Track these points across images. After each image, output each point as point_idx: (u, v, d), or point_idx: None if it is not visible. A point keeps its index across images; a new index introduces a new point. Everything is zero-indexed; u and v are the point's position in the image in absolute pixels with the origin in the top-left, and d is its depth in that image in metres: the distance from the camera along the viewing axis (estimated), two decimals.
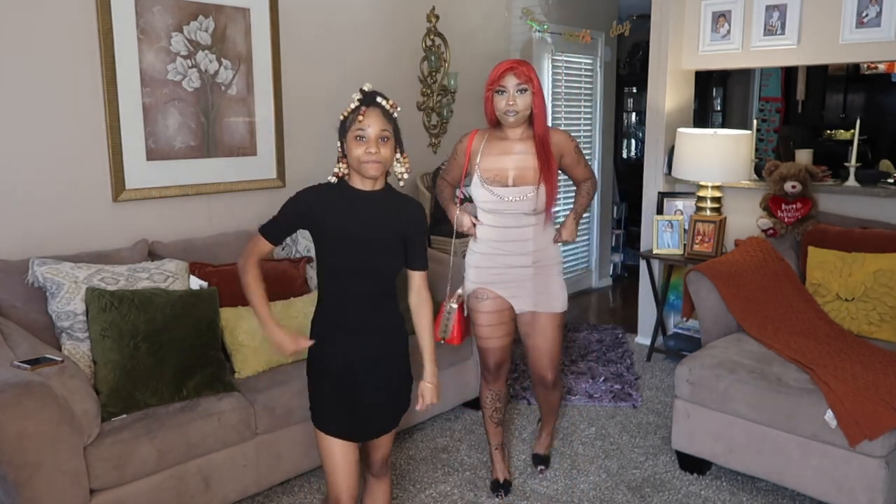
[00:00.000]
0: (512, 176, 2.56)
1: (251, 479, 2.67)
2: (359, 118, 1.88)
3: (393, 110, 1.94)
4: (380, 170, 1.92)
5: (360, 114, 1.88)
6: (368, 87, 1.94)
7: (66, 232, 2.95)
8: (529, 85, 2.47)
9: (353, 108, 1.91)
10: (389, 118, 1.93)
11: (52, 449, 2.10)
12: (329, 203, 1.95)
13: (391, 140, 1.93)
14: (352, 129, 1.89)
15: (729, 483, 2.93)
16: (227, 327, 2.82)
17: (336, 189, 1.97)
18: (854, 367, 2.71)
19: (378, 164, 1.90)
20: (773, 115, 7.77)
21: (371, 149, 1.88)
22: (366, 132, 1.88)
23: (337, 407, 2.00)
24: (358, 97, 1.92)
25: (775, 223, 3.77)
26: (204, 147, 3.36)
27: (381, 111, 1.91)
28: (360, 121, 1.87)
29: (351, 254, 1.94)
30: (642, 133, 6.90)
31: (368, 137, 1.88)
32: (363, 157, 1.88)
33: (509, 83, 2.47)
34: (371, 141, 1.88)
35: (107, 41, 2.97)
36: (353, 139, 1.89)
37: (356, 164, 1.91)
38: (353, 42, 3.99)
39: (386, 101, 1.93)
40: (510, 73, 2.46)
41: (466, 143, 2.66)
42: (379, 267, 1.99)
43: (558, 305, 2.71)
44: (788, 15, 3.86)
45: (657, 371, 4.15)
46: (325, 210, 1.94)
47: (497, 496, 2.84)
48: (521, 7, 4.99)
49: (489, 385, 2.80)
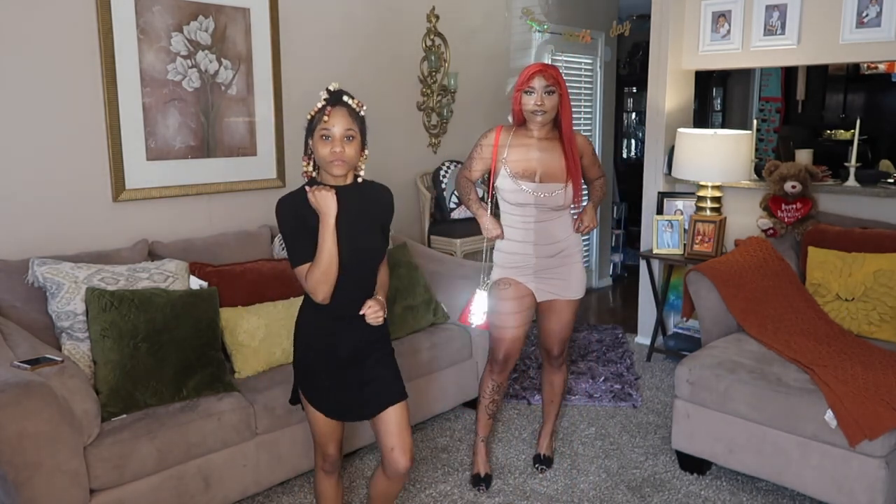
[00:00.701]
0: (539, 173, 2.64)
1: (251, 479, 2.67)
2: (324, 118, 1.92)
3: (360, 109, 1.98)
4: (345, 168, 1.96)
5: (325, 113, 1.93)
6: (335, 87, 1.98)
7: (66, 232, 2.95)
8: (557, 87, 2.58)
9: (320, 107, 1.95)
10: (356, 117, 1.96)
11: (52, 449, 2.10)
12: (308, 204, 1.97)
13: (357, 139, 1.96)
14: (318, 129, 1.94)
15: (729, 483, 2.93)
16: (227, 327, 2.82)
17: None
18: (854, 368, 2.71)
19: (342, 163, 1.94)
20: (773, 115, 7.77)
21: (336, 148, 1.92)
22: (331, 131, 1.92)
23: (328, 390, 2.07)
24: (324, 97, 1.96)
25: (775, 223, 3.77)
26: (204, 147, 3.36)
27: (348, 110, 1.95)
28: (326, 120, 1.92)
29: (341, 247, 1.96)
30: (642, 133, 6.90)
31: (333, 137, 1.92)
32: (328, 157, 1.93)
33: (538, 84, 2.56)
34: (336, 140, 1.92)
35: (107, 41, 2.97)
36: (320, 138, 1.94)
37: (323, 163, 1.96)
38: (352, 42, 3.99)
39: (352, 100, 1.97)
40: (539, 75, 2.56)
41: (493, 138, 2.70)
42: (364, 254, 2.04)
43: (577, 292, 2.81)
44: (788, 15, 3.86)
45: (657, 371, 4.15)
46: (309, 211, 1.96)
47: (479, 489, 2.87)
48: (521, 7, 4.99)
49: (493, 375, 2.84)
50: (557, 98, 2.58)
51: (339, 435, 2.16)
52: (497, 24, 4.97)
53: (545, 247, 2.71)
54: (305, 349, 2.09)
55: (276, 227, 3.50)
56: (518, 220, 2.70)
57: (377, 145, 4.13)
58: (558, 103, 2.59)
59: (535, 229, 2.68)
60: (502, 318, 2.75)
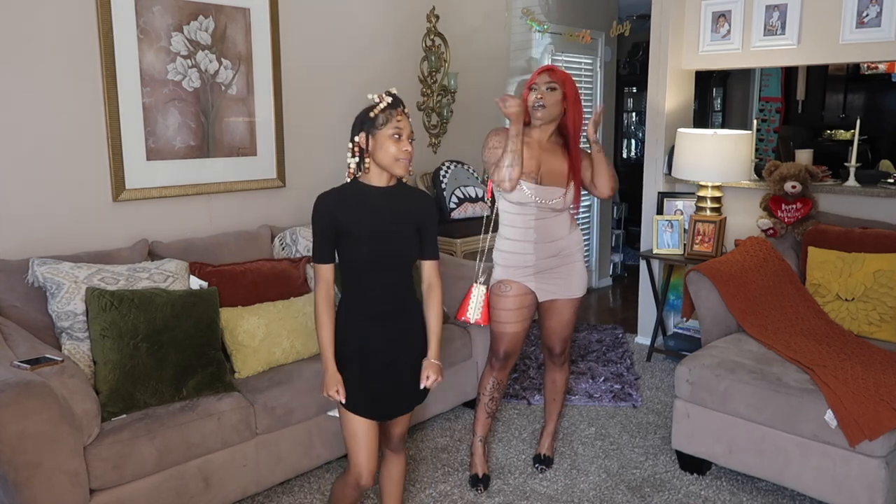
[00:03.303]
0: (540, 174, 2.66)
1: (251, 479, 2.67)
2: (398, 117, 2.01)
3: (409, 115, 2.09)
4: (408, 168, 2.05)
5: (398, 113, 2.01)
6: (395, 91, 2.07)
7: (66, 232, 2.95)
8: (560, 85, 2.60)
9: (384, 107, 2.01)
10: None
11: (52, 449, 2.10)
12: (349, 204, 2.04)
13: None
14: (387, 126, 2.00)
15: (729, 483, 2.93)
16: (227, 327, 2.82)
17: (351, 189, 2.07)
18: (854, 368, 2.71)
19: (409, 162, 2.03)
20: (773, 115, 7.77)
21: (406, 147, 2.01)
22: (402, 131, 2.01)
23: (363, 389, 2.09)
24: (389, 99, 2.03)
25: (775, 223, 3.77)
26: (204, 147, 3.36)
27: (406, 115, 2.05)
28: (400, 120, 2.01)
29: (373, 248, 2.03)
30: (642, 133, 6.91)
31: (404, 136, 2.01)
32: (399, 155, 2.01)
33: (541, 80, 2.61)
34: (405, 140, 2.02)
35: (107, 41, 2.97)
36: (389, 137, 2.00)
37: (390, 160, 2.02)
38: (352, 42, 3.99)
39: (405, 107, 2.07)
40: (545, 72, 2.62)
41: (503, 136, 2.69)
42: (399, 258, 2.09)
43: (578, 291, 2.82)
44: (788, 15, 3.86)
45: (657, 371, 4.15)
46: (347, 212, 2.03)
47: (477, 490, 2.87)
48: (521, 7, 4.99)
49: (493, 372, 2.85)
50: (560, 96, 2.60)
51: (376, 442, 2.14)
52: (497, 24, 4.97)
53: (545, 246, 2.71)
54: (341, 347, 2.10)
55: (276, 227, 3.52)
56: (518, 219, 2.70)
57: None
58: (560, 101, 2.61)
59: (536, 227, 2.69)
60: (503, 316, 2.76)
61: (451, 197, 4.36)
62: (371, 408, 2.11)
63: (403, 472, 2.33)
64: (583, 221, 5.76)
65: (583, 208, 5.76)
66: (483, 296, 2.79)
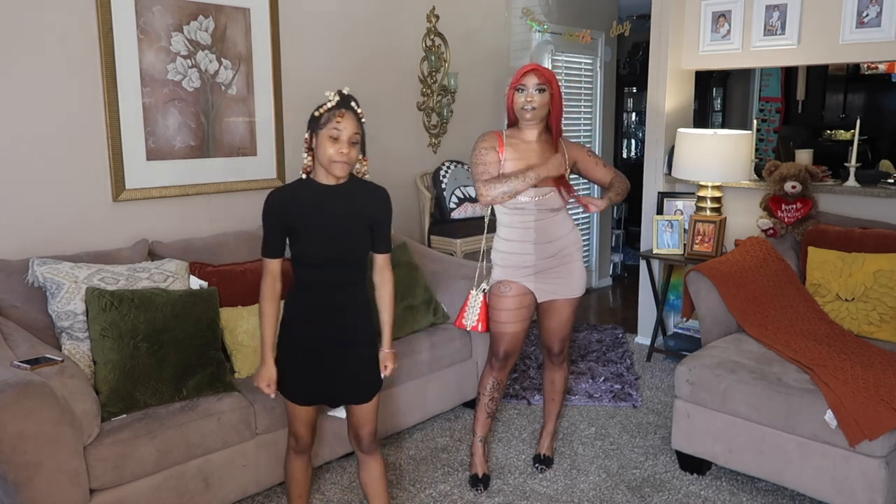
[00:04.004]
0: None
1: (251, 479, 2.67)
2: (337, 118, 1.99)
3: (363, 116, 2.07)
4: (346, 170, 2.05)
5: (338, 115, 1.99)
6: (347, 91, 2.06)
7: (66, 232, 2.95)
8: (548, 86, 2.61)
9: (331, 107, 2.01)
10: (359, 123, 2.05)
11: (52, 449, 2.10)
12: (299, 201, 2.07)
13: (359, 144, 2.06)
14: (327, 128, 2.00)
15: (729, 483, 2.93)
16: (227, 327, 2.82)
17: (303, 186, 2.10)
18: (854, 368, 2.71)
19: (346, 165, 2.03)
20: (773, 115, 7.77)
21: (343, 149, 2.00)
22: (341, 133, 2.00)
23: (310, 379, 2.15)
24: (336, 98, 2.02)
25: (775, 223, 3.77)
26: (204, 147, 3.36)
27: (354, 115, 2.03)
28: (339, 121, 1.99)
29: (323, 245, 2.06)
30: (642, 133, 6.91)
31: (342, 138, 2.00)
32: (334, 157, 2.00)
33: (529, 82, 2.60)
34: (343, 142, 2.00)
35: (107, 41, 2.97)
36: (327, 138, 2.00)
37: (326, 161, 2.02)
38: (352, 42, 3.99)
39: (358, 107, 2.05)
40: (531, 74, 2.60)
41: (497, 140, 2.69)
42: (349, 255, 2.12)
43: (577, 291, 2.82)
44: (788, 15, 3.86)
45: (657, 371, 4.15)
46: (297, 208, 2.06)
47: (477, 490, 2.87)
48: (521, 7, 4.99)
49: (493, 372, 2.85)
50: (548, 97, 2.61)
51: (312, 418, 2.24)
52: (497, 24, 4.97)
53: (545, 245, 2.71)
54: (286, 336, 2.16)
55: None
56: (517, 219, 2.70)
57: (377, 145, 4.15)
58: (549, 102, 2.62)
59: (536, 227, 2.69)
60: (503, 317, 2.76)
61: (451, 197, 4.36)
62: (311, 397, 2.19)
63: (383, 472, 2.31)
64: (583, 221, 5.75)
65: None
66: (480, 303, 2.79)
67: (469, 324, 2.81)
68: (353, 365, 2.17)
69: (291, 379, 2.17)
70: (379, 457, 2.31)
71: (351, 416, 2.25)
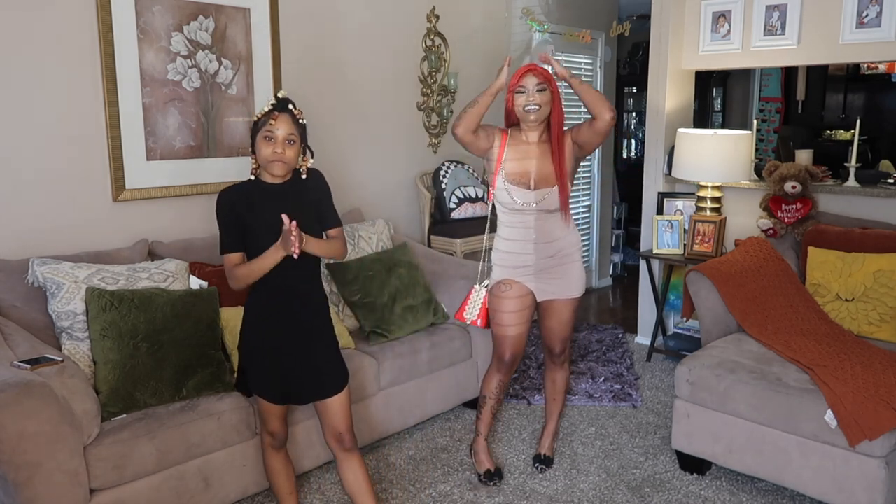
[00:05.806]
0: (534, 178, 2.66)
1: (251, 479, 2.67)
2: (271, 121, 2.08)
3: (300, 117, 2.15)
4: (284, 169, 2.12)
5: (272, 117, 2.09)
6: (282, 94, 2.16)
7: (66, 232, 2.95)
8: (548, 85, 2.60)
9: (267, 111, 2.11)
10: (297, 123, 2.13)
11: (52, 449, 2.10)
12: (247, 200, 2.15)
13: (297, 143, 2.13)
14: (262, 130, 2.10)
15: (729, 483, 2.93)
16: (227, 327, 2.82)
17: (251, 186, 2.18)
18: (854, 368, 2.71)
19: (283, 164, 2.11)
20: (773, 115, 7.77)
21: (277, 149, 2.09)
22: (275, 134, 2.09)
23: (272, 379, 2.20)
24: (272, 102, 2.12)
25: (775, 223, 3.77)
26: (204, 147, 3.36)
27: (291, 117, 2.12)
28: (272, 123, 2.08)
29: (272, 243, 2.09)
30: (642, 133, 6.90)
31: (276, 139, 2.09)
32: (270, 157, 2.09)
33: (529, 83, 2.59)
34: (278, 142, 2.09)
35: (107, 41, 2.97)
36: (263, 139, 2.10)
37: (264, 161, 2.12)
38: (352, 42, 3.99)
39: (295, 109, 2.14)
40: (530, 74, 2.59)
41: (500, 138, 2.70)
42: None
43: (577, 291, 2.82)
44: (788, 15, 3.86)
45: (657, 371, 4.15)
46: (244, 206, 2.14)
47: (492, 484, 2.89)
48: (521, 7, 4.98)
49: (499, 374, 2.86)
50: (549, 96, 2.61)
51: (284, 413, 2.30)
52: (497, 24, 4.97)
53: (545, 245, 2.71)
54: (248, 331, 2.20)
55: None
56: (517, 219, 2.71)
57: (377, 145, 4.16)
58: (551, 101, 2.61)
59: (536, 227, 2.69)
60: (505, 319, 2.76)
61: (451, 197, 4.36)
62: (283, 397, 2.23)
63: (365, 471, 2.30)
64: (583, 221, 5.75)
65: (583, 208, 5.76)
66: (482, 298, 2.81)
67: (469, 317, 2.83)
68: (314, 360, 2.22)
69: (260, 378, 2.22)
70: (358, 456, 2.31)
71: (325, 415, 2.25)
